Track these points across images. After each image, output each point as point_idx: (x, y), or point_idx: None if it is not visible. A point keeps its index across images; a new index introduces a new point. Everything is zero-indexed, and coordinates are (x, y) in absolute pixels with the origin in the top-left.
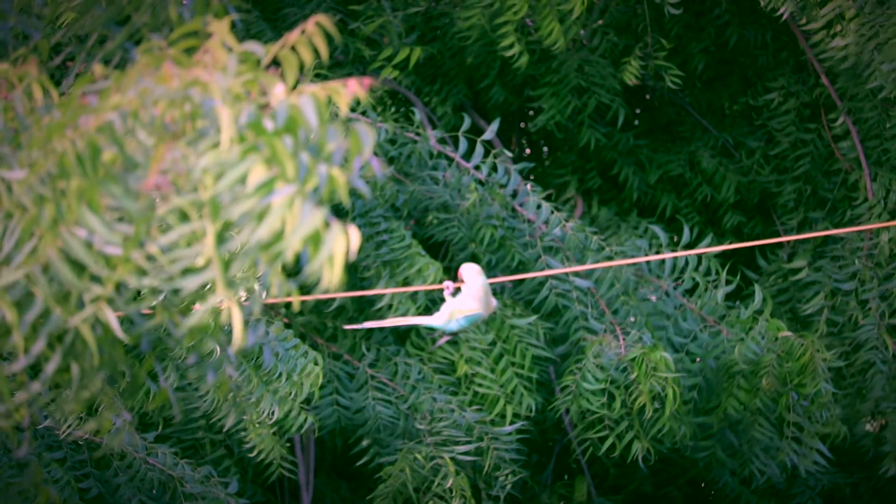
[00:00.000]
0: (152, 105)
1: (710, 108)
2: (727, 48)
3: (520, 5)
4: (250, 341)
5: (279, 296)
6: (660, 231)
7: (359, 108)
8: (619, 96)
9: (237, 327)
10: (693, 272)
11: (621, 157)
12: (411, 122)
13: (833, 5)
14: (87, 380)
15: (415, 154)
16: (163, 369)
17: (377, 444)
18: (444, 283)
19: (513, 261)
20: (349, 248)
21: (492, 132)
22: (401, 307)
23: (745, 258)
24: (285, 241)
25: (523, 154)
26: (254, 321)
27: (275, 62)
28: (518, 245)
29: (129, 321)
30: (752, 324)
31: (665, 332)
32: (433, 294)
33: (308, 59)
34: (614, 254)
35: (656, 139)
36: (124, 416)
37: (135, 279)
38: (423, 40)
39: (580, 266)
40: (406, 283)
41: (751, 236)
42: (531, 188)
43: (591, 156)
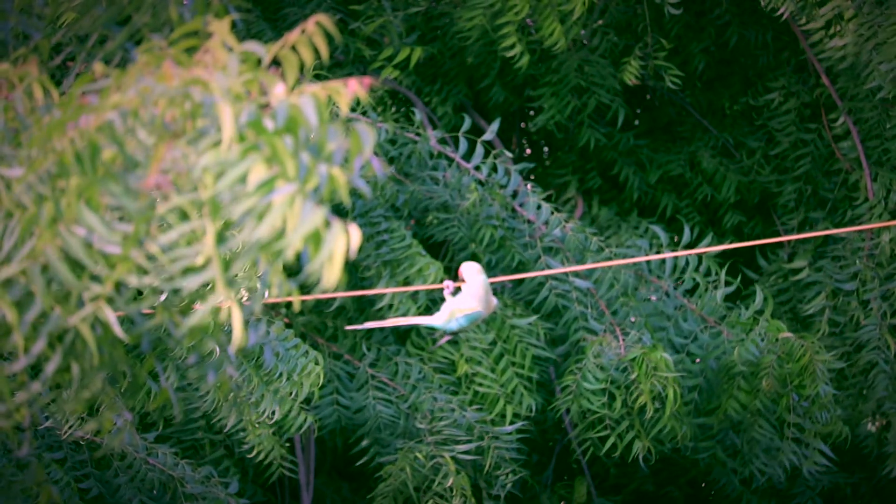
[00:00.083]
0: (152, 104)
1: (711, 108)
2: (728, 48)
3: (521, 6)
4: (251, 341)
5: (280, 295)
6: (660, 231)
7: (359, 108)
8: (620, 96)
9: (237, 327)
10: (693, 272)
11: (622, 157)
12: (411, 123)
13: (832, 5)
14: (87, 380)
15: (415, 154)
16: (163, 369)
17: (377, 444)
18: (445, 283)
19: (512, 261)
20: (350, 247)
21: (492, 133)
22: (401, 307)
23: (746, 258)
24: (286, 239)
25: (524, 154)
26: (254, 321)
27: (275, 62)
28: (518, 245)
29: (130, 321)
30: (753, 325)
31: (665, 333)
32: (434, 294)
33: (308, 59)
34: (614, 255)
35: (657, 139)
36: (125, 416)
37: (135, 278)
38: (423, 40)
39: (580, 266)
40: (407, 283)
41: (751, 236)
42: (531, 189)
43: (592, 156)
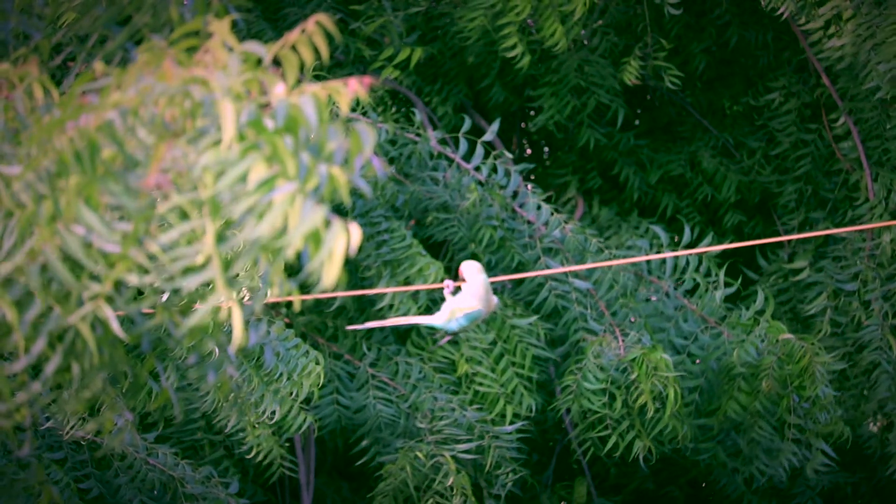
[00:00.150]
0: (153, 103)
1: (711, 108)
2: (728, 48)
3: (522, 6)
4: (252, 341)
5: (280, 295)
6: (660, 231)
7: (359, 108)
8: (619, 96)
9: (238, 326)
10: (694, 273)
11: (622, 157)
12: (412, 123)
13: (831, 5)
14: (87, 379)
15: (415, 155)
16: (163, 369)
17: (378, 444)
18: (445, 282)
19: (512, 262)
20: (350, 245)
21: (492, 133)
22: (402, 307)
23: (746, 258)
24: (286, 237)
25: (524, 154)
26: (255, 321)
27: (275, 62)
28: (518, 246)
29: (130, 321)
30: (753, 326)
31: (666, 335)
32: (434, 294)
33: (308, 59)
34: (613, 256)
35: (657, 139)
36: (126, 416)
37: (135, 277)
38: (423, 40)
39: (580, 266)
40: (407, 283)
41: (751, 236)
42: (531, 189)
43: (592, 156)
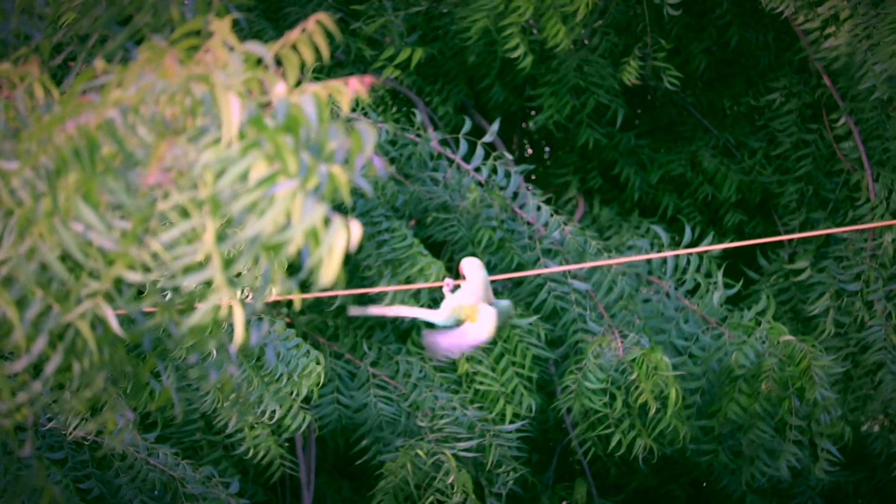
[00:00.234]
0: (153, 101)
1: (712, 108)
2: (728, 48)
3: (525, 7)
4: (253, 340)
5: (281, 293)
6: (661, 231)
7: (359, 108)
8: (619, 96)
9: (239, 325)
10: (695, 273)
11: (622, 156)
12: (412, 123)
13: (829, 5)
14: (88, 379)
15: (415, 155)
16: (164, 369)
17: (378, 443)
18: (444, 281)
19: (511, 263)
20: (350, 242)
21: (492, 134)
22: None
23: (747, 258)
24: (287, 233)
25: (524, 154)
26: (256, 320)
27: (276, 61)
28: (517, 247)
29: (130, 320)
30: (755, 327)
31: (667, 335)
32: (435, 293)
33: (309, 58)
34: (613, 258)
35: (657, 139)
36: (127, 416)
37: (134, 276)
38: (424, 40)
39: (581, 264)
40: (408, 282)
41: (752, 236)
42: (531, 190)
43: (593, 156)
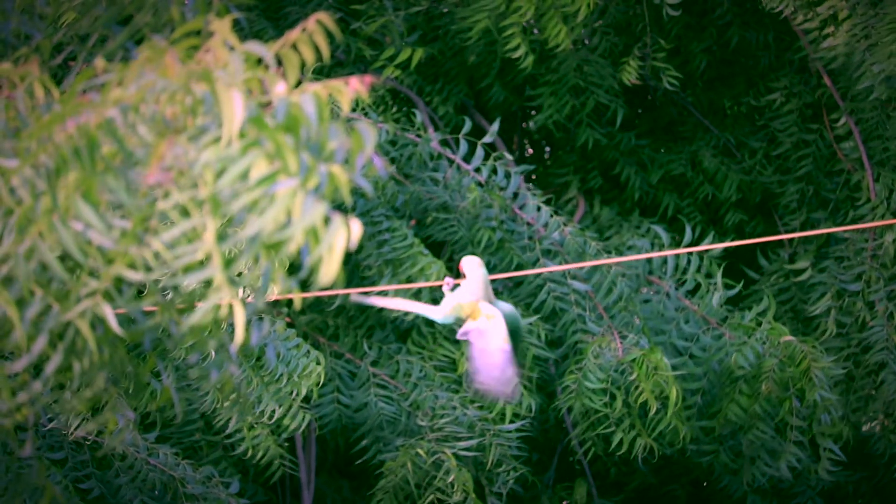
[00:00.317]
0: (153, 101)
1: (712, 107)
2: (729, 48)
3: (526, 7)
4: (254, 340)
5: (281, 293)
6: (661, 231)
7: (359, 108)
8: (619, 96)
9: (239, 325)
10: (695, 273)
11: (623, 156)
12: (412, 124)
13: (828, 5)
14: (88, 378)
15: (415, 156)
16: (164, 368)
17: (379, 442)
18: (444, 280)
19: (511, 263)
20: (350, 240)
21: (492, 135)
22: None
23: (747, 258)
24: (288, 231)
25: (525, 154)
26: (256, 319)
27: (276, 60)
28: (517, 248)
29: (130, 320)
30: (755, 327)
31: (667, 336)
32: (436, 293)
33: (309, 58)
34: (612, 259)
35: (658, 139)
36: (128, 415)
37: (134, 274)
38: (424, 40)
39: (581, 263)
40: (409, 282)
41: (752, 235)
42: (531, 190)
43: (593, 155)
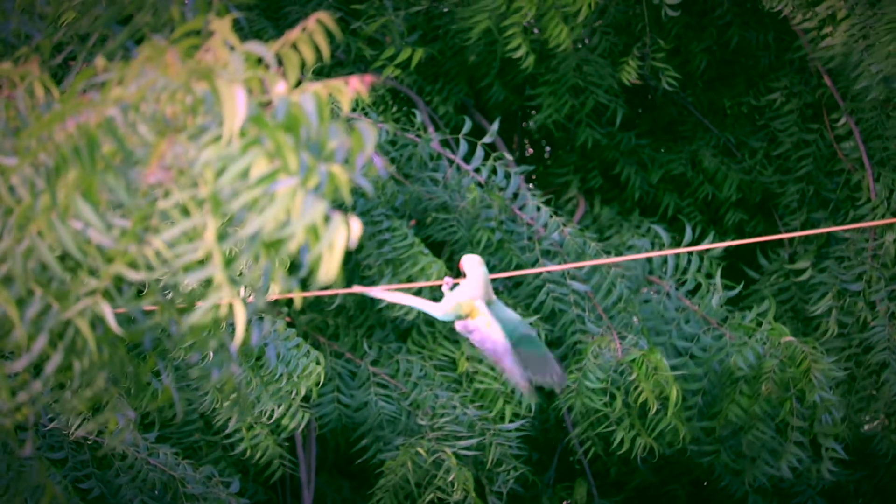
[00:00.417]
0: (154, 100)
1: (712, 107)
2: (729, 48)
3: (527, 7)
4: (254, 339)
5: (282, 292)
6: (662, 231)
7: (359, 108)
8: (618, 96)
9: (240, 324)
10: (696, 273)
11: (623, 156)
12: (412, 124)
13: (827, 5)
14: (89, 378)
15: (415, 156)
16: (165, 368)
17: (379, 441)
18: (444, 280)
19: (510, 264)
20: (350, 238)
21: (492, 135)
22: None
23: (747, 258)
24: (288, 229)
25: (525, 154)
26: (257, 319)
27: (276, 60)
28: (516, 249)
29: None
30: (756, 328)
31: (668, 336)
32: (436, 293)
33: (309, 57)
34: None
35: (658, 139)
36: (128, 415)
37: (134, 274)
38: (424, 39)
39: (581, 263)
40: (409, 282)
41: (753, 235)
42: (531, 191)
43: (593, 155)
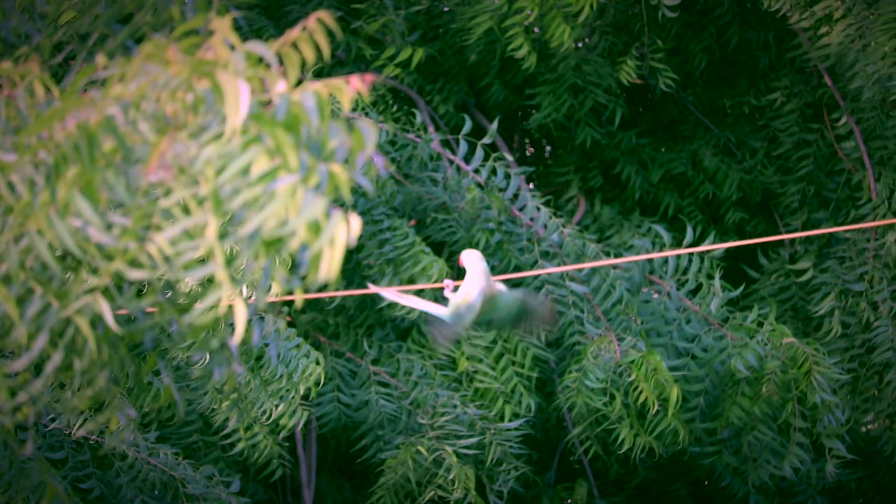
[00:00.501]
0: (154, 98)
1: (713, 107)
2: (729, 48)
3: (530, 7)
4: (255, 339)
5: (283, 292)
6: (662, 230)
7: (359, 108)
8: (617, 95)
9: (240, 323)
10: (696, 273)
11: (623, 155)
12: (412, 123)
13: (824, 5)
14: (89, 377)
15: (415, 157)
16: (165, 367)
17: (379, 441)
18: (445, 282)
19: (509, 265)
20: (350, 235)
21: (491, 136)
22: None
23: (748, 257)
24: (289, 226)
25: (525, 153)
26: (257, 318)
27: (277, 59)
28: (515, 250)
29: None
30: (757, 328)
31: (668, 337)
32: (438, 292)
33: (310, 56)
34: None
35: (658, 138)
36: (129, 413)
37: (134, 272)
38: (425, 39)
39: (582, 265)
40: (410, 282)
41: (753, 234)
42: (531, 191)
43: (594, 155)
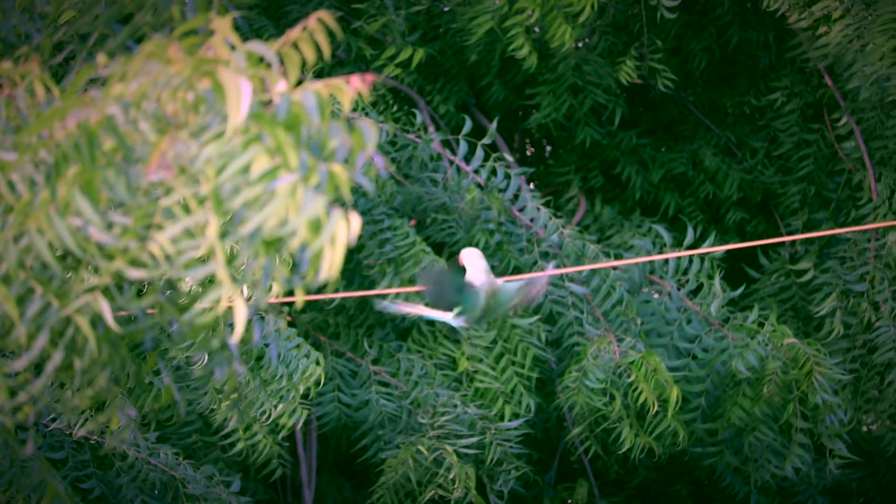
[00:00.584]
0: (155, 98)
1: (713, 107)
2: (729, 48)
3: (531, 7)
4: (255, 338)
5: (283, 291)
6: (663, 231)
7: (359, 108)
8: (617, 96)
9: (240, 322)
10: (697, 273)
11: (624, 155)
12: (412, 123)
13: (822, 5)
14: (89, 377)
15: (415, 157)
16: (166, 367)
17: (380, 440)
18: None
19: (509, 266)
20: (350, 234)
21: (491, 136)
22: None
23: (748, 258)
24: (289, 225)
25: (525, 153)
26: (258, 318)
27: (277, 59)
28: (514, 250)
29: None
30: (758, 329)
31: (669, 338)
32: None
33: (310, 56)
34: (611, 261)
35: (659, 138)
36: (129, 413)
37: (134, 272)
38: (425, 39)
39: (581, 266)
40: (411, 282)
41: (753, 234)
42: (531, 192)
43: (594, 154)
